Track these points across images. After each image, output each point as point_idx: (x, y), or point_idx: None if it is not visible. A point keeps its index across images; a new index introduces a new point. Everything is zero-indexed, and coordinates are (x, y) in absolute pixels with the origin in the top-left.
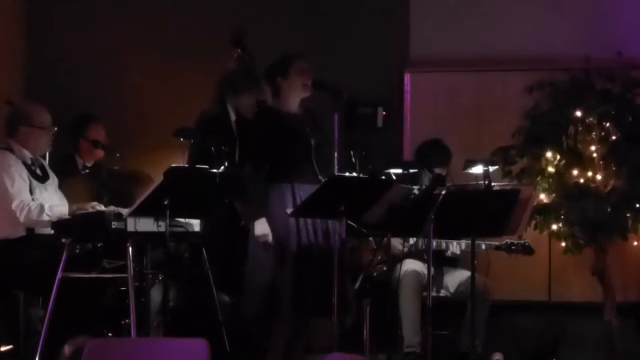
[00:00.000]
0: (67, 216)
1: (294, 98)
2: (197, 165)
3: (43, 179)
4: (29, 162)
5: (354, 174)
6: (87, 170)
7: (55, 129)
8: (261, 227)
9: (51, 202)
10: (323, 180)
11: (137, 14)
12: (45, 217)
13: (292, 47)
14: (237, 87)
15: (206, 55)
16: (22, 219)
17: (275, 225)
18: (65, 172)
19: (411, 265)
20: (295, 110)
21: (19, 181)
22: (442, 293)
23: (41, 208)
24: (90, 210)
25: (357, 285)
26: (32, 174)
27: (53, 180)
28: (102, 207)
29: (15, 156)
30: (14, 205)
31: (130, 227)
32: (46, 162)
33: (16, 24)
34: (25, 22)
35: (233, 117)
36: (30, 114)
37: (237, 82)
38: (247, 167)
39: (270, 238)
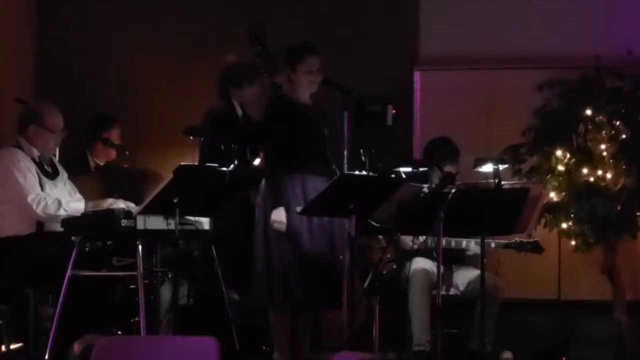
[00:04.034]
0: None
1: (302, 91)
2: (207, 164)
3: (53, 175)
4: (37, 160)
5: (364, 173)
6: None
7: (66, 131)
8: (278, 214)
9: (64, 199)
10: (335, 170)
11: (145, 13)
12: (62, 212)
13: None
14: (238, 79)
15: (215, 53)
16: (38, 211)
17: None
18: (76, 169)
19: (421, 263)
20: (306, 100)
21: (30, 176)
22: (452, 291)
23: (59, 203)
24: (106, 207)
25: (366, 283)
26: (42, 170)
27: (62, 175)
28: (119, 204)
29: (23, 152)
30: (30, 198)
31: (140, 225)
32: (56, 158)
33: (25, 23)
34: (34, 21)
35: (239, 112)
36: (42, 115)
37: (237, 75)
38: (265, 156)
39: (284, 228)
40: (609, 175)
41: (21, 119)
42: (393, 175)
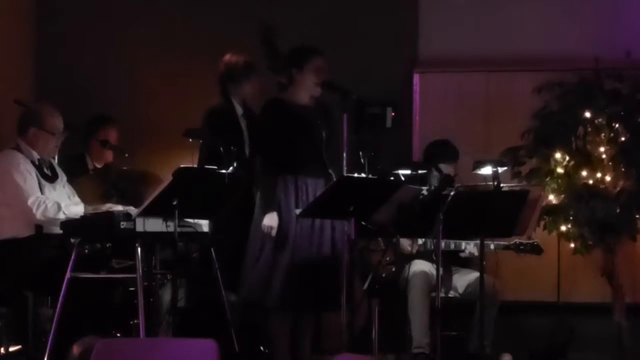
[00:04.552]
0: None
1: (305, 92)
2: (206, 166)
3: (52, 178)
4: (37, 162)
5: (363, 175)
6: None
7: (66, 134)
8: (270, 220)
9: (63, 202)
10: (332, 173)
11: (146, 14)
12: (61, 216)
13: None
14: (236, 76)
15: (216, 55)
16: (38, 215)
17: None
18: (75, 172)
19: (420, 265)
20: (305, 102)
21: (30, 178)
22: (451, 294)
23: (58, 206)
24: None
25: (366, 285)
26: (41, 173)
27: (62, 179)
28: (117, 209)
29: (23, 155)
30: (30, 201)
31: (139, 227)
32: (55, 161)
33: (26, 24)
34: (35, 22)
35: (239, 111)
36: (42, 117)
37: (235, 72)
38: (257, 159)
39: (274, 233)
40: (608, 178)
41: (21, 121)
42: (392, 178)
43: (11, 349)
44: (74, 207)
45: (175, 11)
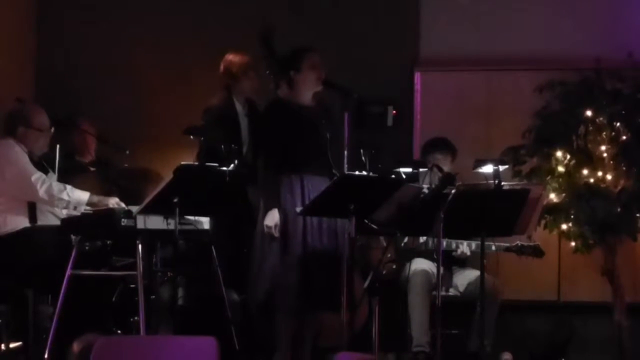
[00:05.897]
0: (85, 204)
1: (308, 91)
2: (207, 163)
3: (44, 172)
4: (29, 155)
5: (364, 173)
6: (94, 168)
7: (52, 130)
8: (271, 218)
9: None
10: (336, 173)
11: (146, 13)
12: (65, 196)
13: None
14: (235, 73)
15: (216, 54)
16: (42, 192)
17: (284, 218)
18: (70, 171)
19: (420, 264)
20: (309, 102)
21: (29, 161)
22: (452, 292)
23: (63, 186)
24: (111, 206)
25: (366, 284)
26: (35, 165)
27: (51, 174)
28: (123, 205)
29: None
30: (34, 177)
31: (140, 225)
32: (56, 160)
33: (26, 24)
34: (35, 22)
35: (240, 109)
36: (29, 116)
37: (232, 68)
38: (259, 158)
39: (276, 230)
40: (609, 177)
41: (8, 122)
42: (393, 176)
43: (12, 345)
44: (79, 192)
45: (176, 11)
